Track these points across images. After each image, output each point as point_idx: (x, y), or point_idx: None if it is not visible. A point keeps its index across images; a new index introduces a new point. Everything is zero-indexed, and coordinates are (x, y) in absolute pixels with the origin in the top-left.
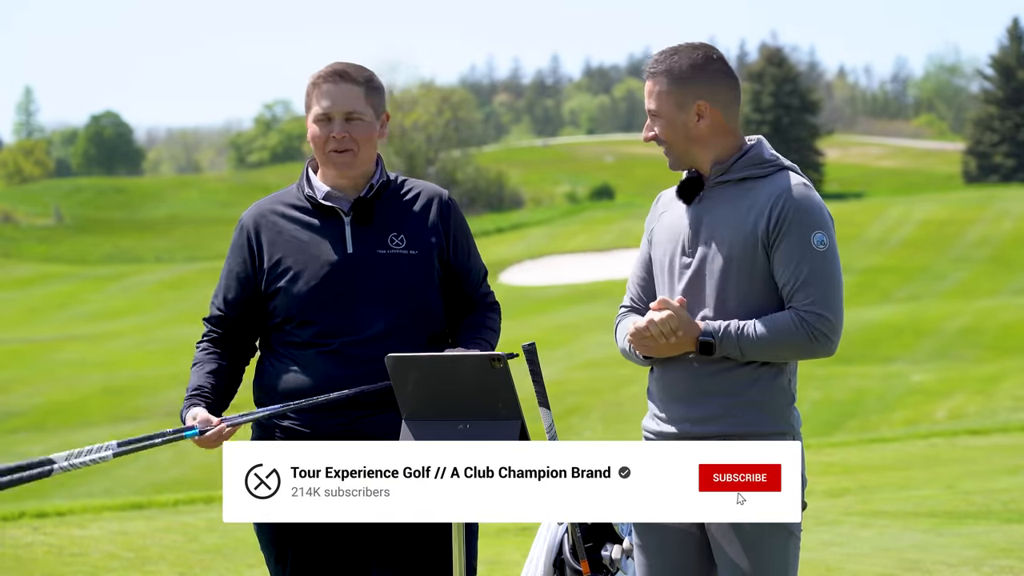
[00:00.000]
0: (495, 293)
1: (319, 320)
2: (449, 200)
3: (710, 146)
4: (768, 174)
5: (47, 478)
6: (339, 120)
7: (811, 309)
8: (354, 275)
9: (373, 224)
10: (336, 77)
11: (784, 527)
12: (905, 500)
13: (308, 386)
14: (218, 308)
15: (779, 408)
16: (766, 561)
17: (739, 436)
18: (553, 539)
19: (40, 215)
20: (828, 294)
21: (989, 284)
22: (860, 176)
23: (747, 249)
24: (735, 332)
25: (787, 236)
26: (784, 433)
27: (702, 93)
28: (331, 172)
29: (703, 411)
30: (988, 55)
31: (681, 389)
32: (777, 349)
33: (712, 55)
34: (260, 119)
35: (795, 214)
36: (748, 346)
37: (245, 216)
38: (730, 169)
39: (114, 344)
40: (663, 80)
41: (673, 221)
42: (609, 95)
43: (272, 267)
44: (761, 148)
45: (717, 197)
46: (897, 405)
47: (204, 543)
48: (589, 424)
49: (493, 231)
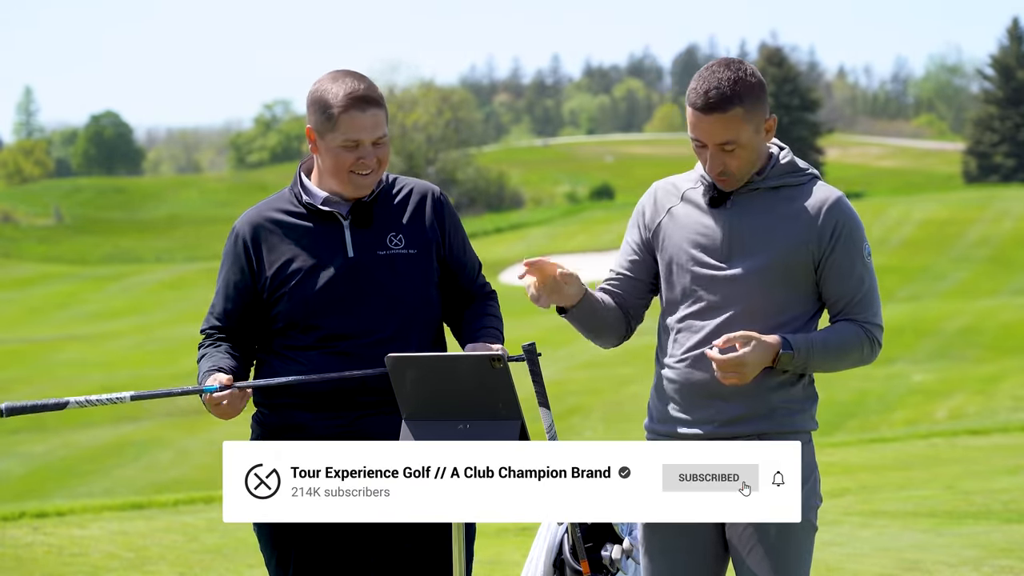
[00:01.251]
0: (494, 293)
1: (324, 324)
2: (441, 196)
3: (762, 158)
4: (803, 183)
5: (62, 410)
6: (368, 146)
7: (872, 321)
8: (357, 278)
9: (371, 227)
10: (363, 104)
11: (809, 526)
12: (905, 500)
13: (317, 388)
14: (217, 318)
15: (806, 408)
16: (788, 563)
17: (769, 436)
18: (553, 539)
19: (40, 215)
20: (879, 305)
21: (989, 284)
22: (860, 176)
23: (793, 258)
24: (807, 345)
25: (842, 250)
26: (810, 432)
27: (766, 110)
28: (348, 190)
29: (731, 412)
30: (988, 55)
31: (706, 391)
32: (842, 362)
33: (750, 67)
34: (260, 119)
35: (848, 229)
36: (818, 359)
37: (239, 224)
38: (766, 177)
39: (114, 344)
40: (738, 111)
41: (692, 222)
42: (609, 95)
43: (275, 274)
44: (792, 156)
45: (749, 203)
46: (897, 405)
47: (204, 543)
48: (589, 424)
49: (493, 231)
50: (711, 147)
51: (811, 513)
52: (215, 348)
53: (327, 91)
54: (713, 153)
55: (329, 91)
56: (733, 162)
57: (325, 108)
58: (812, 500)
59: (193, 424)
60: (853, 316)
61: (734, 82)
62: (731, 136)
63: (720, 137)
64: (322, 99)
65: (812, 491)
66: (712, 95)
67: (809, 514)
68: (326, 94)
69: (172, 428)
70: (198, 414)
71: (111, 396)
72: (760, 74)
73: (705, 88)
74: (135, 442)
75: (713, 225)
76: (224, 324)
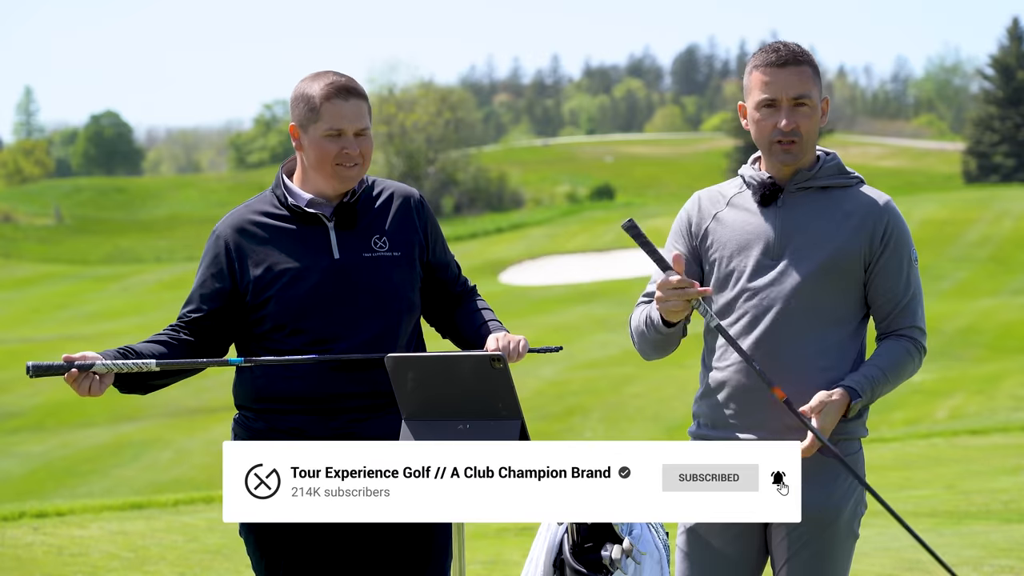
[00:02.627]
0: (494, 293)
1: (311, 327)
2: (421, 198)
3: (814, 148)
4: (851, 185)
5: (86, 370)
6: (351, 136)
7: (918, 325)
8: (343, 280)
9: (355, 229)
10: (345, 93)
11: (854, 531)
12: (905, 500)
13: (302, 391)
14: (187, 315)
15: (860, 413)
16: (835, 564)
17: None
18: (553, 539)
19: (40, 215)
20: (923, 309)
21: (989, 284)
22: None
23: (844, 258)
24: (870, 385)
25: (893, 253)
26: (860, 439)
27: (822, 92)
28: (333, 184)
29: (785, 418)
30: (988, 55)
31: (760, 394)
32: (900, 381)
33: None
34: (260, 119)
35: (899, 232)
36: (881, 391)
37: (221, 227)
38: (816, 176)
39: (114, 344)
40: (809, 69)
41: (743, 224)
42: (609, 95)
43: (259, 276)
44: (839, 159)
45: (800, 203)
46: (897, 405)
47: (204, 543)
48: (589, 424)
49: (493, 231)
50: (786, 103)
51: (855, 522)
52: (156, 335)
53: (309, 86)
54: (788, 109)
55: (311, 85)
56: (803, 121)
57: (308, 100)
58: (859, 508)
59: (193, 424)
60: (899, 325)
61: (800, 47)
62: (805, 90)
63: (795, 89)
64: (304, 93)
65: (860, 499)
66: (784, 52)
67: (853, 523)
68: (308, 88)
69: (171, 428)
70: (198, 414)
71: (137, 362)
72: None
73: (776, 47)
74: (134, 442)
75: (764, 224)
76: (191, 320)
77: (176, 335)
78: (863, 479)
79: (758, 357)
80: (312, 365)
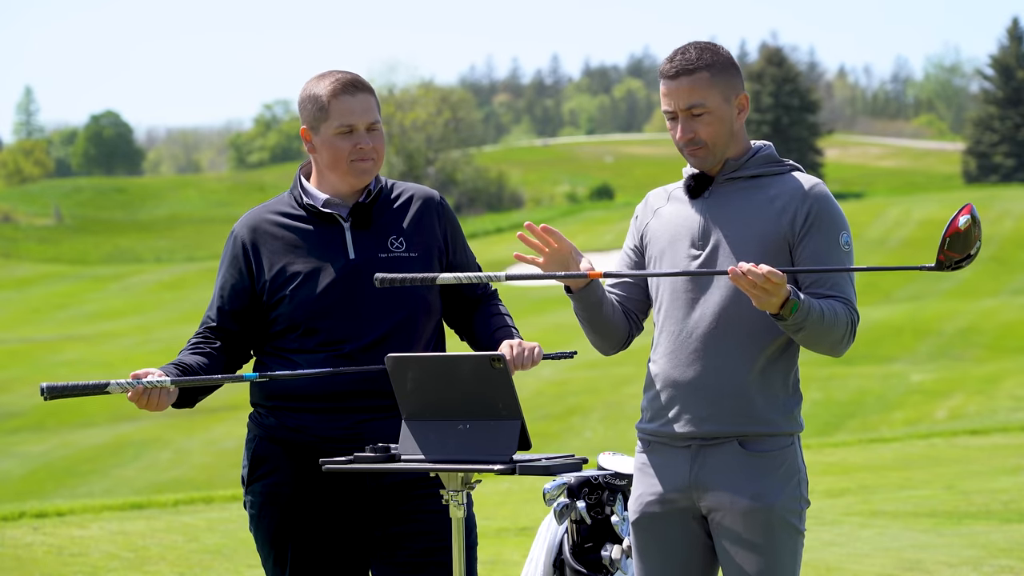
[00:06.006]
0: (496, 292)
1: (325, 327)
2: (442, 200)
3: (738, 142)
4: (782, 172)
5: (102, 392)
6: (363, 131)
7: (847, 297)
8: (358, 280)
9: (371, 229)
10: (353, 88)
11: (792, 526)
12: (905, 500)
13: (317, 390)
14: (212, 319)
15: (790, 408)
16: (774, 561)
17: (753, 436)
18: (553, 539)
19: (40, 215)
20: (855, 296)
21: (989, 284)
22: (860, 176)
23: (767, 242)
24: (808, 301)
25: (816, 234)
26: (794, 433)
27: (740, 86)
28: (350, 181)
29: (713, 410)
30: (988, 55)
31: (690, 386)
32: (829, 334)
33: (721, 47)
34: (260, 119)
35: (824, 213)
36: (815, 318)
37: (239, 227)
38: (744, 166)
39: (114, 344)
40: (704, 75)
41: (675, 216)
42: (609, 95)
43: (275, 276)
44: (773, 150)
45: (727, 193)
46: (897, 405)
47: (204, 543)
48: (589, 424)
49: (493, 231)
50: (680, 113)
51: (793, 516)
52: (191, 347)
53: (315, 86)
54: (683, 120)
55: (317, 85)
56: (703, 129)
57: (315, 100)
58: (794, 504)
59: (192, 424)
60: (827, 293)
61: (700, 50)
62: (698, 99)
63: (686, 100)
64: (312, 93)
65: (794, 494)
66: (677, 61)
67: (790, 517)
68: (315, 88)
69: (171, 428)
70: (198, 414)
71: (151, 380)
72: (732, 55)
73: (672, 56)
74: (134, 442)
75: (692, 215)
76: (217, 324)
77: (208, 345)
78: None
79: (687, 354)
80: (330, 364)
